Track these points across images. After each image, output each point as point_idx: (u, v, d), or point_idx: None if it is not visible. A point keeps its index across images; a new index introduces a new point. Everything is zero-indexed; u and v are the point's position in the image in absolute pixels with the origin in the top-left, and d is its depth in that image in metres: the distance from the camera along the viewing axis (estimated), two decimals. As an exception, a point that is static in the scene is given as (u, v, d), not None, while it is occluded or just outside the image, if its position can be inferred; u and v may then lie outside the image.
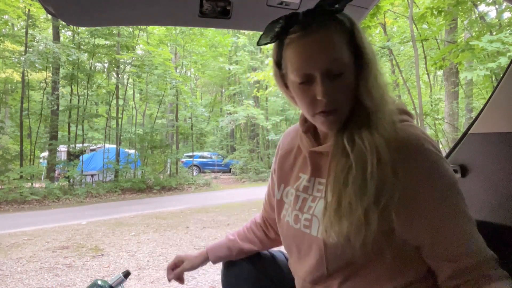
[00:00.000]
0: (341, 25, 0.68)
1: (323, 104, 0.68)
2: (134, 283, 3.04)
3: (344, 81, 0.68)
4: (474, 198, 1.15)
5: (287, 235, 0.86)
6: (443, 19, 6.00)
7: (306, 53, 0.67)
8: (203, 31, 12.53)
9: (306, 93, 0.69)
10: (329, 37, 0.66)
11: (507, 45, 4.80)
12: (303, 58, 0.67)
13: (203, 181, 12.76)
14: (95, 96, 12.34)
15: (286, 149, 0.93)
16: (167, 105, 15.38)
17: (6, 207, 8.09)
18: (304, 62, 0.67)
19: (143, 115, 14.99)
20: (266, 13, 1.06)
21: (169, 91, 12.97)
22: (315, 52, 0.66)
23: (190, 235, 4.84)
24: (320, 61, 0.66)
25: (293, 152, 0.90)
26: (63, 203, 8.87)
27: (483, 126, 1.15)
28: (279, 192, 0.91)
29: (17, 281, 3.19)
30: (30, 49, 10.01)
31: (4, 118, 14.67)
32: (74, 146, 11.28)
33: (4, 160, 9.93)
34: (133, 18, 1.14)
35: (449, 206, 0.67)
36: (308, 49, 0.66)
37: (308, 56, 0.66)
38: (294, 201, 0.83)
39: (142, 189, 10.80)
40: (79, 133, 11.61)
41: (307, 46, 0.66)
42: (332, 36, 0.66)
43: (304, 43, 0.67)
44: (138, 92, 15.30)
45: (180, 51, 13.70)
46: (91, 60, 11.74)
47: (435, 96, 9.36)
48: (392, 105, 0.72)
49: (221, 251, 1.07)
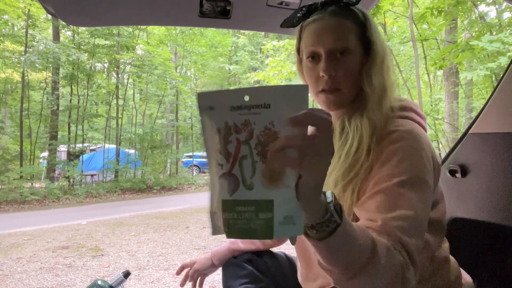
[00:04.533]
0: (353, 16, 0.75)
1: (324, 81, 0.75)
2: (134, 283, 3.04)
3: (348, 63, 0.74)
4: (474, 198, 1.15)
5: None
6: (443, 19, 5.99)
7: (316, 34, 0.75)
8: (203, 31, 12.52)
9: (313, 71, 0.77)
10: (339, 24, 0.74)
11: (507, 45, 4.80)
12: (313, 38, 0.75)
13: (203, 181, 12.75)
14: (95, 96, 12.33)
15: None
16: (167, 105, 15.37)
17: (6, 207, 8.09)
18: (314, 40, 0.75)
19: (143, 115, 14.99)
20: (266, 13, 1.06)
21: (169, 91, 12.97)
22: (323, 34, 0.74)
23: (190, 235, 4.84)
24: (326, 41, 0.73)
25: None
26: (63, 203, 8.87)
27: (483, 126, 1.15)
28: None
29: (17, 281, 3.18)
30: (30, 49, 10.01)
31: (4, 118, 14.67)
32: (74, 146, 11.27)
33: (4, 160, 9.93)
34: (133, 18, 1.14)
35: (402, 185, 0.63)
36: (318, 31, 0.75)
37: (317, 35, 0.75)
38: None
39: (142, 189, 10.79)
40: (79, 133, 11.61)
41: (318, 29, 0.75)
42: (342, 23, 0.74)
43: (316, 26, 0.75)
44: (138, 92, 15.29)
45: (180, 51, 13.70)
46: (91, 60, 11.73)
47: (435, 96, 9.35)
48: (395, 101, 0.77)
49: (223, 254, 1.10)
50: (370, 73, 0.74)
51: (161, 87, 12.85)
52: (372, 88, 0.73)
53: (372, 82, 0.74)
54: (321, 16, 0.75)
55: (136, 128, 12.95)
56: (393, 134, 0.69)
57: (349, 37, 0.73)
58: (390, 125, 0.71)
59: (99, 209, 7.85)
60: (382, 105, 0.73)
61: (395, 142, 0.68)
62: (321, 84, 0.75)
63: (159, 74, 11.83)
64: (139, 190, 10.72)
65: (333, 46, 0.73)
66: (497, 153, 1.10)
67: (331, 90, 0.75)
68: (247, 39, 15.23)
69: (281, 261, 1.07)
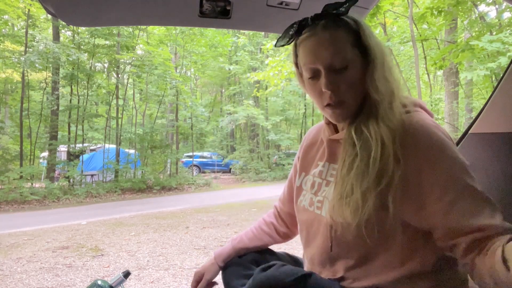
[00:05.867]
0: (346, 25, 0.75)
1: (327, 96, 0.75)
2: (134, 283, 3.04)
3: (348, 75, 0.74)
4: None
5: (302, 218, 0.91)
6: (443, 19, 5.99)
7: (312, 51, 0.75)
8: (203, 31, 12.52)
9: (315, 87, 0.78)
10: (332, 36, 0.74)
11: (507, 45, 4.80)
12: (309, 55, 0.76)
13: (203, 181, 12.75)
14: (95, 96, 12.33)
15: (311, 141, 1.00)
16: (167, 105, 15.37)
17: (6, 207, 8.08)
18: (311, 58, 0.76)
19: (143, 115, 14.99)
20: (266, 13, 1.06)
21: (169, 91, 12.97)
22: (319, 49, 0.74)
23: (190, 235, 4.84)
24: (323, 56, 0.74)
25: (317, 144, 0.97)
26: (63, 203, 8.87)
27: (483, 126, 1.15)
28: (299, 180, 0.97)
29: (17, 281, 3.18)
30: (30, 49, 10.00)
31: (4, 118, 14.67)
32: (74, 146, 11.27)
33: (4, 160, 9.93)
34: (133, 18, 1.14)
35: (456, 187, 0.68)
36: (314, 46, 0.75)
37: (313, 53, 0.75)
38: (311, 186, 0.90)
39: (142, 189, 10.80)
40: (79, 133, 11.60)
41: (313, 44, 0.75)
42: (336, 35, 0.74)
43: (311, 41, 0.76)
44: (138, 92, 15.29)
45: (180, 51, 13.69)
46: (91, 60, 11.73)
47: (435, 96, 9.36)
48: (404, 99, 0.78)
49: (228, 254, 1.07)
50: (374, 79, 0.74)
51: (161, 87, 12.85)
52: (379, 94, 0.74)
53: (378, 88, 0.74)
54: (314, 31, 0.75)
55: (136, 128, 12.95)
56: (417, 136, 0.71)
57: (345, 48, 0.74)
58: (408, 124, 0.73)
59: (99, 209, 7.85)
60: (394, 108, 0.74)
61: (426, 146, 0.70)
62: (325, 100, 0.76)
63: (159, 74, 11.82)
64: (139, 190, 10.72)
65: (331, 61, 0.73)
66: (497, 153, 1.10)
67: (335, 104, 0.76)
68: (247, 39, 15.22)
69: (284, 261, 1.07)
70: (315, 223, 0.85)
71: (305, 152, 0.99)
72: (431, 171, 0.69)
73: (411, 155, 0.70)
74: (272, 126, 15.51)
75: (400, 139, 0.71)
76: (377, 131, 0.72)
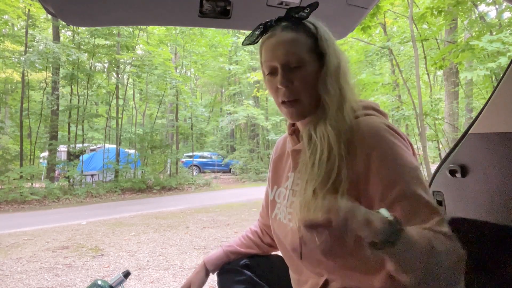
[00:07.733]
0: (305, 29, 0.80)
1: (282, 93, 0.79)
2: (134, 283, 3.04)
3: (302, 73, 0.78)
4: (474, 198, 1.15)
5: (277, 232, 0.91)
6: (443, 19, 5.99)
7: (271, 50, 0.80)
8: (203, 31, 12.51)
9: (272, 83, 0.81)
10: (290, 37, 0.78)
11: (507, 45, 4.79)
12: (269, 53, 0.80)
13: (203, 181, 12.76)
14: (95, 96, 12.33)
15: (279, 153, 1.01)
16: (167, 105, 15.37)
17: (6, 207, 8.09)
18: (270, 55, 0.80)
19: (143, 115, 14.99)
20: (266, 13, 1.06)
21: (169, 91, 12.97)
22: (277, 48, 0.79)
23: (190, 235, 4.84)
24: (280, 54, 0.78)
25: (285, 156, 0.98)
26: (63, 203, 8.87)
27: (483, 126, 1.15)
28: (272, 193, 0.97)
29: (17, 281, 3.19)
30: (30, 49, 10.01)
31: (4, 118, 14.67)
32: (74, 146, 11.27)
33: (4, 160, 9.93)
34: (133, 18, 1.14)
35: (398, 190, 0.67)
36: (273, 45, 0.79)
37: (272, 51, 0.79)
38: (283, 198, 0.91)
39: (142, 189, 10.80)
40: (79, 133, 11.61)
41: (273, 43, 0.80)
42: (294, 37, 0.78)
43: (271, 41, 0.80)
44: (138, 92, 15.29)
45: (180, 51, 13.69)
46: (91, 60, 11.74)
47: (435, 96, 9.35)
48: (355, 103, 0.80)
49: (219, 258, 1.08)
50: (325, 82, 0.78)
51: (161, 87, 12.85)
52: (329, 96, 0.77)
53: (328, 90, 0.77)
54: (275, 32, 0.80)
55: (136, 128, 12.96)
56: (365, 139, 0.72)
57: (302, 50, 0.78)
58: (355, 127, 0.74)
59: (99, 209, 7.85)
60: (343, 111, 0.76)
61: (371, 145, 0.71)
62: (280, 96, 0.80)
63: (159, 74, 11.83)
64: (139, 190, 10.72)
65: (286, 60, 0.77)
66: (497, 153, 1.10)
67: (290, 102, 0.79)
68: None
69: (277, 265, 1.06)
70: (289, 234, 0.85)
71: (275, 165, 1.00)
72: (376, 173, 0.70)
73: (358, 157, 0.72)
74: (272, 126, 15.51)
75: (347, 142, 0.73)
76: (324, 133, 0.75)
